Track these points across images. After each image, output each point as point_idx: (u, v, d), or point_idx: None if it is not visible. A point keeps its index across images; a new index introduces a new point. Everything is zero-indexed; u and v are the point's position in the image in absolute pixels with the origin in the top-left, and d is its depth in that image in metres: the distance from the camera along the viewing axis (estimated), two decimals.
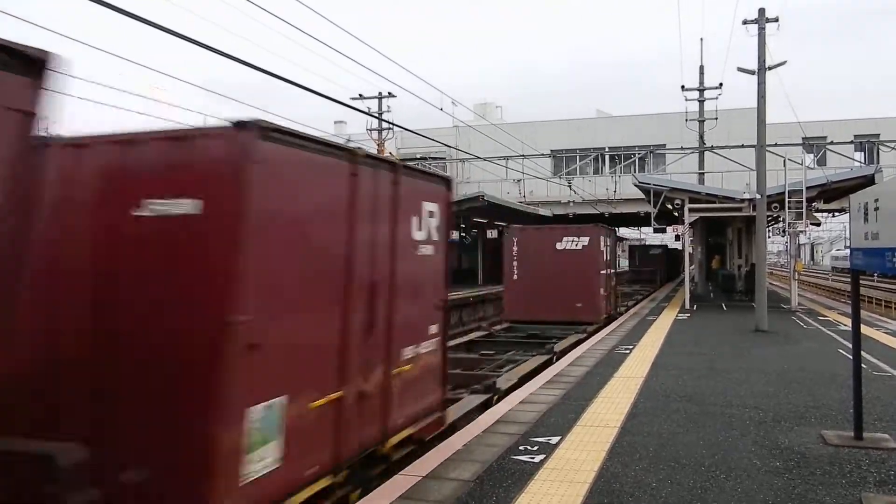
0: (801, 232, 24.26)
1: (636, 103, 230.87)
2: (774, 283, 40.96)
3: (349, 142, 47.03)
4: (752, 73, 16.14)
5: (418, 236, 5.71)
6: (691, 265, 27.87)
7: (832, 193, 22.05)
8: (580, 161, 37.89)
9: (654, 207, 22.75)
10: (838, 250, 70.95)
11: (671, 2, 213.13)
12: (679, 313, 19.37)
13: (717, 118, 30.28)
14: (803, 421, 6.90)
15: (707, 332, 15.05)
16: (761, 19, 16.24)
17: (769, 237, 35.58)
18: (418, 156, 41.30)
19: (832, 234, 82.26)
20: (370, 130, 33.84)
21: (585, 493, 4.80)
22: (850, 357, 6.85)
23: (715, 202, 21.45)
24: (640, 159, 37.17)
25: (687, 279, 23.70)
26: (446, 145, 30.33)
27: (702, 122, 30.67)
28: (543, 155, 35.08)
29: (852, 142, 33.92)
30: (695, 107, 30.86)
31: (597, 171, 39.17)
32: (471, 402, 8.04)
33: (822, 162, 32.55)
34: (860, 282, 6.80)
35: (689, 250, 25.48)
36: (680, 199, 21.93)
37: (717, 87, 30.44)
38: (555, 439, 6.17)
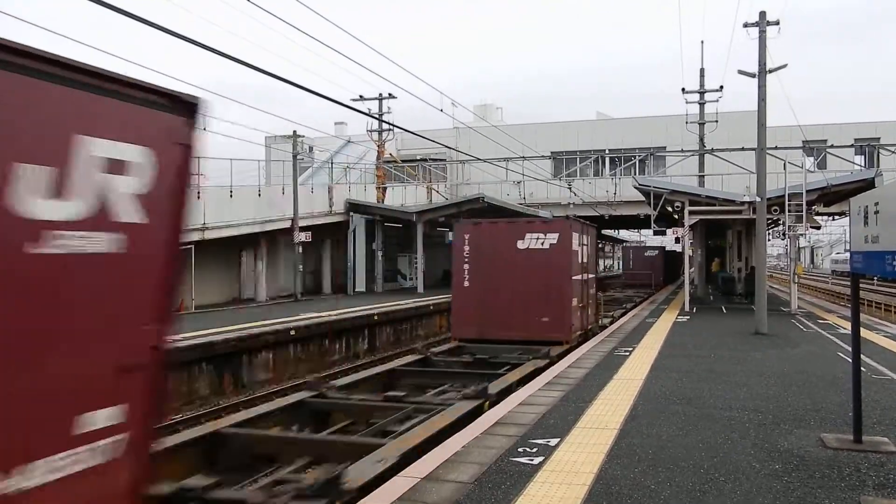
0: (801, 235, 24.31)
1: (636, 106, 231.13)
2: (774, 286, 40.97)
3: (350, 142, 46.89)
4: (753, 76, 16.15)
5: (45, 210, 2.42)
6: (691, 268, 27.88)
7: (832, 197, 22.06)
8: (580, 163, 37.95)
9: (654, 210, 22.77)
10: (838, 253, 71.07)
11: (672, 4, 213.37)
12: (679, 316, 19.37)
13: (717, 121, 30.28)
14: (803, 424, 6.89)
15: (707, 334, 15.04)
16: (762, 22, 16.24)
17: (769, 240, 35.61)
18: (418, 157, 41.35)
19: (832, 238, 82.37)
20: (370, 131, 33.88)
21: (584, 495, 4.80)
22: (850, 360, 6.86)
23: (715, 205, 21.46)
24: (640, 161, 37.25)
25: (687, 282, 23.72)
26: (446, 146, 30.37)
27: (702, 124, 30.68)
28: (544, 157, 35.16)
29: (852, 145, 33.98)
30: (695, 109, 30.91)
31: (597, 174, 39.23)
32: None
33: (822, 165, 32.63)
34: (860, 285, 6.80)
35: (688, 253, 25.49)
36: (680, 202, 21.93)
37: (717, 90, 30.46)
38: (554, 441, 6.17)
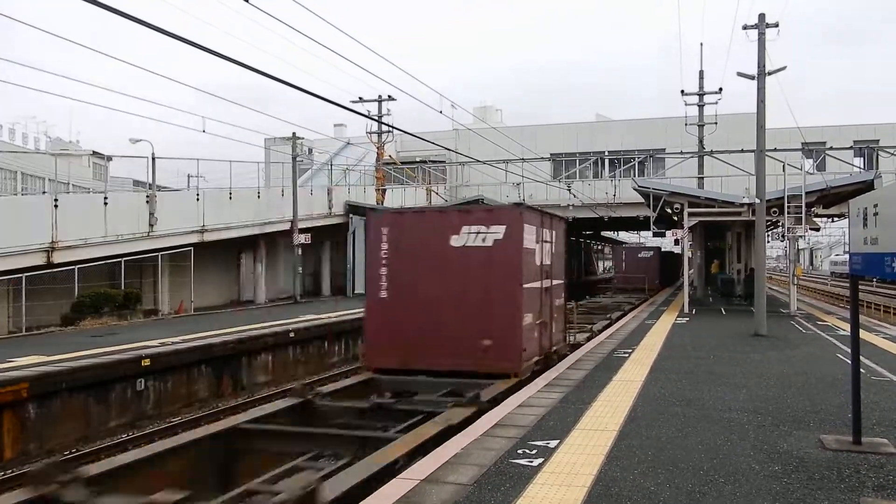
0: (801, 237, 24.31)
1: (636, 107, 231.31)
2: (773, 287, 40.97)
3: (349, 144, 46.97)
4: (752, 77, 16.16)
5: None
6: (690, 269, 27.89)
7: (831, 198, 22.09)
8: (580, 165, 37.92)
9: (654, 211, 22.77)
10: (837, 255, 71.05)
11: (672, 6, 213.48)
12: (678, 317, 19.37)
13: (716, 123, 30.29)
14: (802, 425, 6.89)
15: (706, 336, 15.04)
16: (761, 24, 16.26)
17: (768, 242, 35.61)
18: (418, 159, 41.36)
19: (831, 239, 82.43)
20: (370, 133, 33.88)
21: (584, 496, 4.80)
22: (849, 362, 6.85)
23: (714, 206, 21.48)
24: (639, 163, 37.21)
25: (686, 283, 23.73)
26: (446, 148, 30.34)
27: (701, 126, 30.68)
28: (543, 158, 35.14)
29: (852, 147, 34.00)
30: (694, 111, 30.90)
31: (596, 175, 39.22)
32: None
33: (821, 167, 32.64)
34: (859, 287, 6.80)
35: (688, 254, 25.50)
36: (679, 204, 21.94)
37: (716, 92, 30.47)
38: (553, 443, 6.17)
